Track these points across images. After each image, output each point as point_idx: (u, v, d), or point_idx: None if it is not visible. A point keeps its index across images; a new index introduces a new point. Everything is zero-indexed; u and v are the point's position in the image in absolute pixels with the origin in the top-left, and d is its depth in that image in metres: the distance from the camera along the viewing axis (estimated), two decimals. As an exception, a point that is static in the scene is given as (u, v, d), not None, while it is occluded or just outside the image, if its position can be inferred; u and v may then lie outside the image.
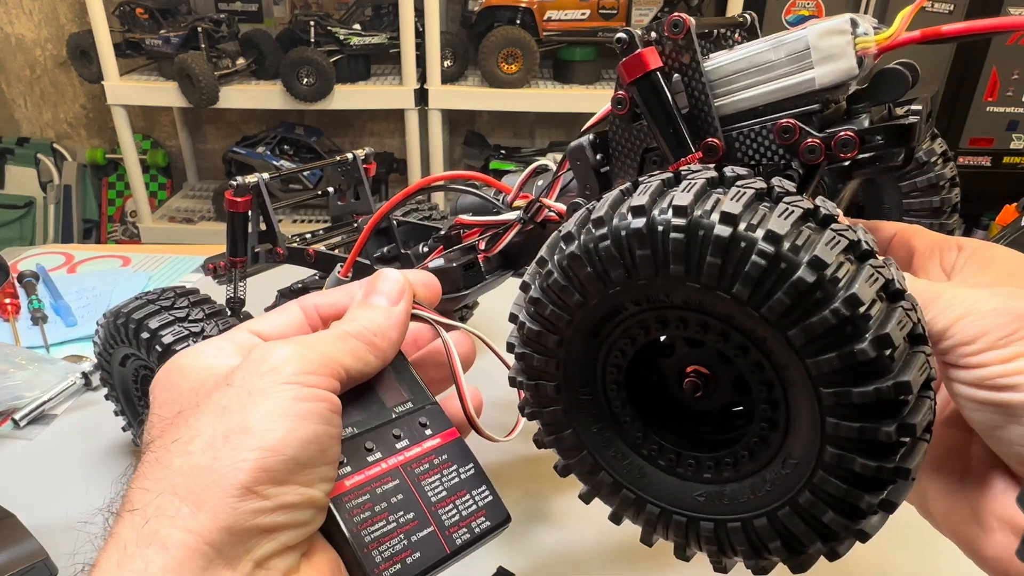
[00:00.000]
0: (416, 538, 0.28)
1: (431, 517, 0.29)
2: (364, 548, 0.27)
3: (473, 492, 0.31)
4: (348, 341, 0.29)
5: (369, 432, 0.30)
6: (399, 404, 0.32)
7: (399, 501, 0.29)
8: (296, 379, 0.26)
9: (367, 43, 1.96)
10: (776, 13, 1.96)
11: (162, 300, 0.55)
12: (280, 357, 0.27)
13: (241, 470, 0.23)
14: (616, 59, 0.34)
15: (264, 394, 0.25)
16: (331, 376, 0.27)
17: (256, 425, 0.24)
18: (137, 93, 2.00)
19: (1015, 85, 2.03)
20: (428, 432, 0.31)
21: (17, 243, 2.31)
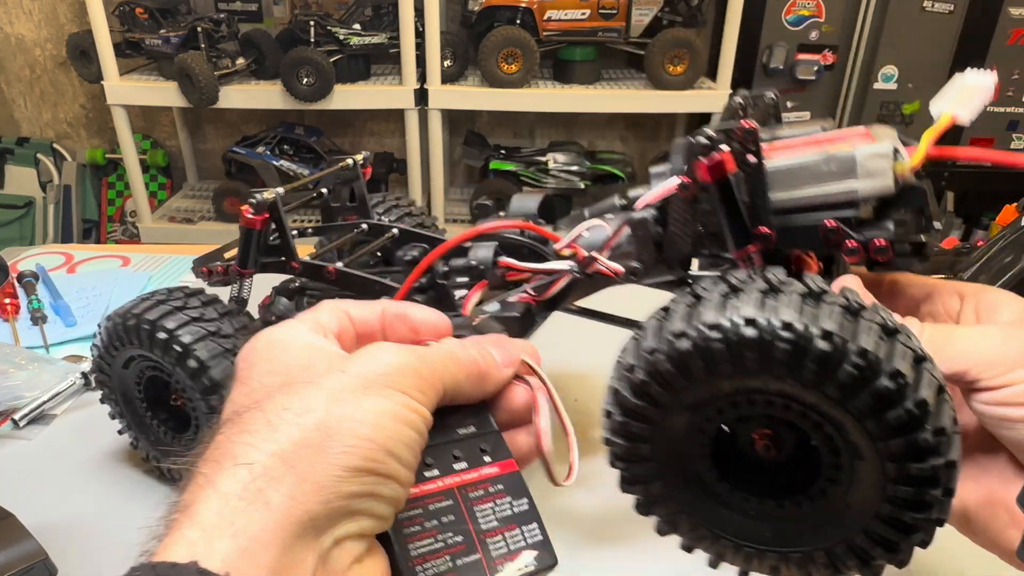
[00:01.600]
0: (461, 563, 0.28)
1: (479, 544, 0.29)
2: (409, 561, 0.27)
3: (524, 528, 0.30)
4: (459, 367, 0.30)
5: (430, 448, 0.29)
6: (463, 427, 0.32)
7: (450, 522, 0.29)
8: (409, 391, 0.28)
9: (367, 43, 1.96)
10: (776, 13, 1.96)
11: (173, 300, 0.55)
12: (397, 364, 0.28)
13: (350, 454, 0.25)
14: (615, 58, 0.35)
15: (379, 393, 0.27)
16: (435, 394, 0.29)
17: (369, 419, 0.26)
18: (137, 93, 2.00)
19: (1015, 85, 2.03)
20: (487, 459, 0.31)
21: (17, 243, 2.31)
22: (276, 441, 0.25)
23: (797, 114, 2.09)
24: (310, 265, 0.61)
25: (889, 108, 2.07)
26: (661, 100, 1.98)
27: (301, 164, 2.11)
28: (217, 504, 0.23)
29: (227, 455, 0.25)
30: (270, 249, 0.61)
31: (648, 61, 1.92)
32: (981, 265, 0.65)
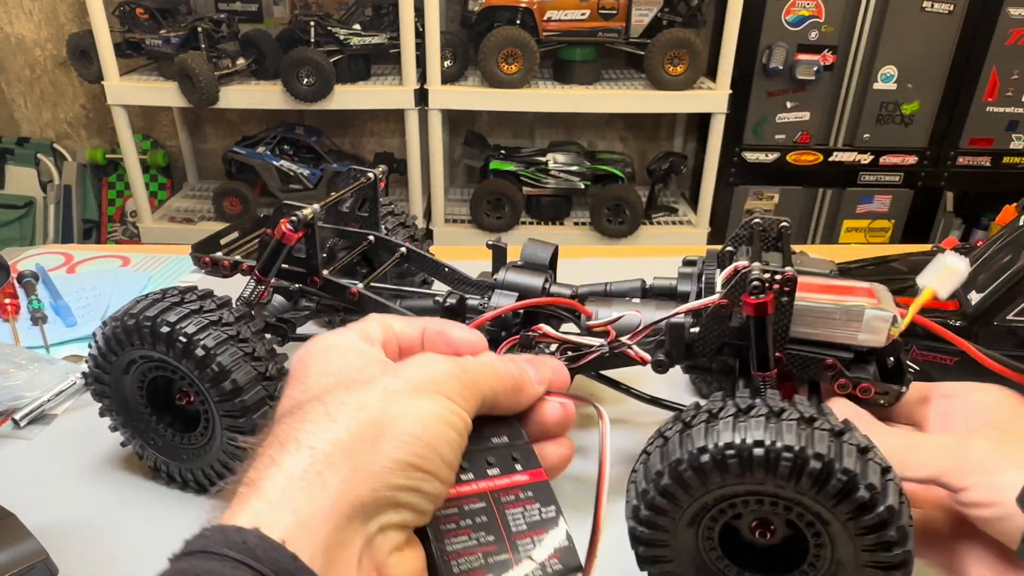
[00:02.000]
0: (493, 561, 0.30)
1: (509, 545, 0.31)
2: (445, 555, 0.29)
3: (551, 532, 0.32)
4: (497, 380, 0.33)
5: (467, 453, 0.31)
6: (497, 436, 0.34)
7: (483, 523, 0.30)
8: (454, 396, 0.30)
9: (367, 43, 1.96)
10: (776, 13, 1.96)
11: (170, 297, 0.55)
12: (444, 371, 0.31)
13: (401, 449, 0.27)
14: (614, 58, 0.37)
15: (428, 397, 0.29)
16: (476, 402, 0.31)
17: (419, 418, 0.28)
18: (137, 93, 2.00)
19: (1015, 85, 2.03)
20: (518, 467, 0.33)
21: (17, 243, 2.31)
22: (335, 431, 0.27)
23: (797, 115, 2.09)
24: (332, 283, 0.61)
25: (888, 108, 2.07)
26: (661, 100, 1.98)
27: (301, 164, 2.11)
28: (281, 482, 0.26)
29: (291, 439, 0.27)
30: (292, 259, 0.62)
31: (648, 61, 1.92)
32: (980, 265, 0.65)
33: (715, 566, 0.45)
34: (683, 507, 0.42)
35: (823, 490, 0.39)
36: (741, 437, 0.40)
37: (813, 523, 0.41)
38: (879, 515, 0.38)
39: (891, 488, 0.39)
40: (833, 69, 2.04)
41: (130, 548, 0.55)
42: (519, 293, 0.57)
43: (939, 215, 2.23)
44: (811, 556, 0.42)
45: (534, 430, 0.35)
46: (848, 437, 0.40)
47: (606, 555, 0.55)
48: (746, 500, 0.42)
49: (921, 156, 2.13)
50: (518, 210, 2.09)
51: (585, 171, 2.09)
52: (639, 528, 0.44)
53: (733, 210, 2.21)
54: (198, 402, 0.56)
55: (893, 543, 0.39)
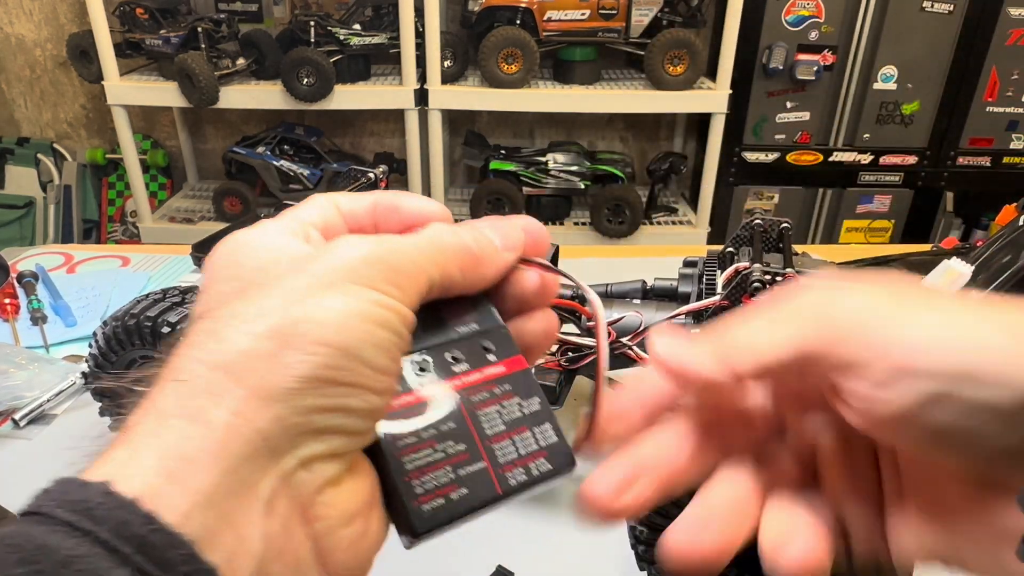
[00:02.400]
0: (465, 472, 0.25)
1: (484, 451, 0.26)
2: (405, 475, 0.24)
3: (535, 429, 0.27)
4: (444, 251, 0.26)
5: (425, 351, 0.26)
6: (462, 325, 0.28)
7: (450, 430, 0.26)
8: (379, 285, 0.23)
9: (367, 43, 1.96)
10: (776, 13, 1.96)
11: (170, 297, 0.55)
12: (364, 255, 0.24)
13: (307, 362, 0.21)
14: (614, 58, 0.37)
15: (342, 290, 0.23)
16: (415, 287, 0.25)
17: (331, 320, 0.22)
18: (137, 93, 2.00)
19: (1015, 85, 2.03)
20: (491, 358, 0.27)
21: (17, 243, 2.31)
22: (220, 352, 0.22)
23: (797, 115, 2.09)
24: None
25: (888, 108, 2.07)
26: (661, 100, 1.98)
27: (301, 164, 2.11)
28: (153, 425, 0.21)
29: (170, 371, 0.22)
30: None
31: (648, 61, 1.92)
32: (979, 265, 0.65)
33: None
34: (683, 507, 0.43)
35: None
36: None
37: None
38: None
39: None
40: (833, 69, 2.04)
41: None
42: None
43: (939, 215, 2.23)
44: None
45: (509, 306, 0.29)
46: None
47: (606, 555, 0.55)
48: None
49: (921, 156, 2.13)
50: (518, 210, 2.09)
51: (585, 171, 2.09)
52: (639, 528, 0.44)
53: (733, 210, 2.21)
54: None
55: None
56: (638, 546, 0.45)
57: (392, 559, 0.27)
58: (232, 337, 0.22)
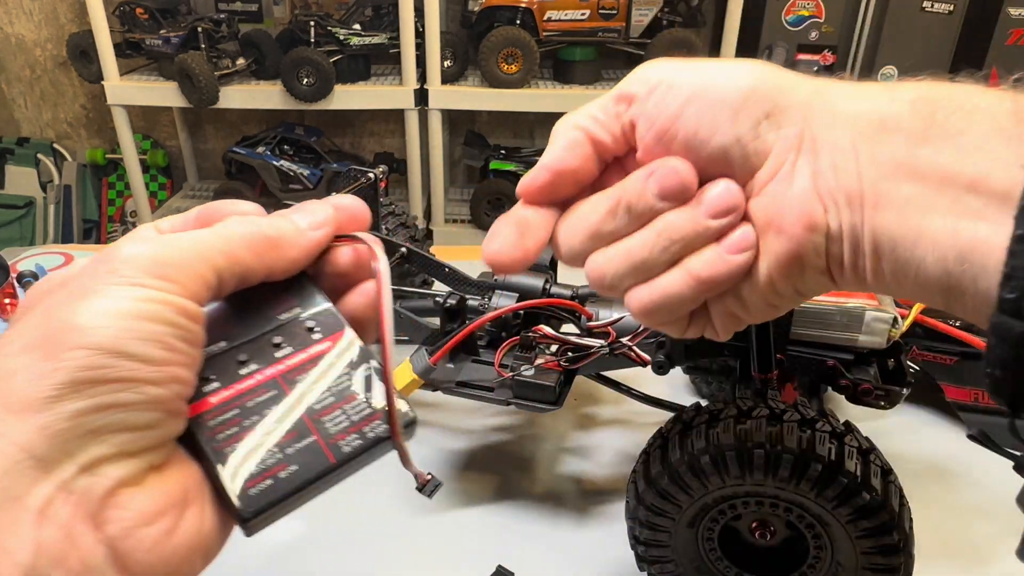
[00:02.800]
0: (292, 450, 0.25)
1: (314, 427, 0.26)
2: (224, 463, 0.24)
3: (368, 395, 0.27)
4: (230, 240, 0.26)
5: (244, 344, 0.27)
6: (285, 311, 0.28)
7: (273, 414, 0.26)
8: (140, 280, 0.23)
9: (367, 43, 1.96)
10: (776, 13, 1.96)
11: None
12: (125, 255, 0.24)
13: (64, 368, 0.21)
14: (614, 58, 0.38)
15: (101, 294, 0.23)
16: (197, 280, 0.24)
17: (83, 323, 0.22)
18: (137, 93, 2.00)
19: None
20: (317, 336, 0.27)
21: (17, 243, 2.31)
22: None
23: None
24: None
25: (889, 108, 2.07)
26: (661, 100, 1.98)
27: (301, 164, 2.11)
28: None
29: None
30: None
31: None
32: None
33: (715, 567, 0.45)
34: (683, 508, 0.43)
35: (824, 492, 0.39)
36: (741, 439, 0.40)
37: (813, 525, 0.41)
38: (880, 518, 0.38)
39: (892, 491, 0.39)
40: (833, 69, 2.03)
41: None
42: (519, 294, 0.57)
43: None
44: (811, 558, 0.42)
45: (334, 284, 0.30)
46: (850, 439, 0.40)
47: (606, 555, 0.55)
48: (746, 501, 0.42)
49: (921, 156, 2.13)
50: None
51: (585, 171, 2.09)
52: (639, 528, 0.44)
53: (733, 210, 2.20)
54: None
55: (893, 546, 0.39)
56: (638, 546, 0.45)
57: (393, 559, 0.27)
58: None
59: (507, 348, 0.54)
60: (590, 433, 0.67)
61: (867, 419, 0.61)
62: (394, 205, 0.78)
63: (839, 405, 0.65)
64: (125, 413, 0.22)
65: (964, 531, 0.57)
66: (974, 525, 0.57)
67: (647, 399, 0.60)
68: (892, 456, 0.43)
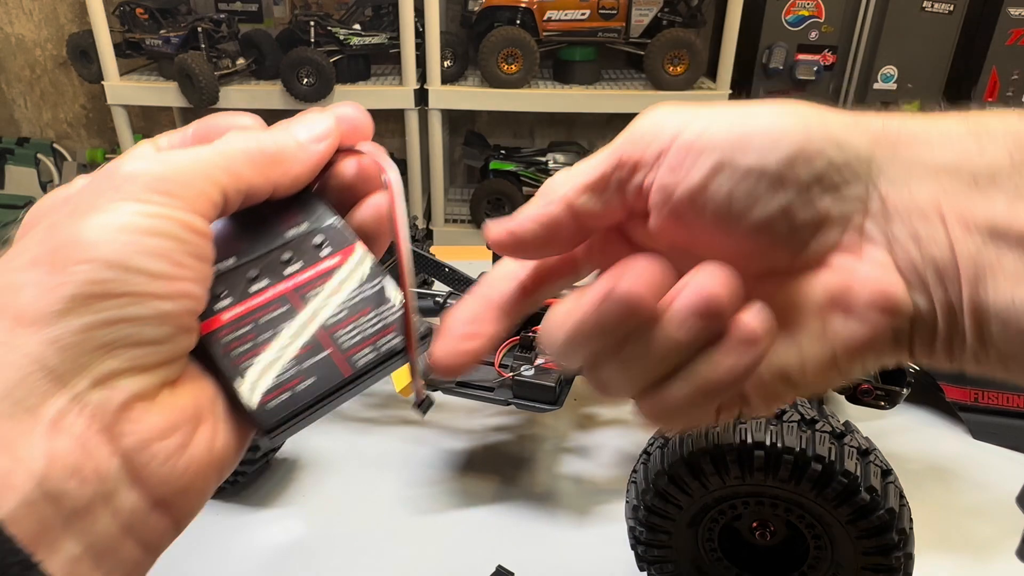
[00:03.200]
0: (308, 364, 0.25)
1: (328, 340, 0.26)
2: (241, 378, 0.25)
3: (379, 309, 0.27)
4: (232, 157, 0.25)
5: (254, 260, 0.27)
6: (292, 227, 0.28)
7: (287, 329, 0.26)
8: (144, 196, 0.23)
9: (367, 43, 1.96)
10: (776, 13, 1.96)
11: None
12: (127, 172, 0.23)
13: (70, 282, 0.21)
14: (614, 58, 0.37)
15: (104, 209, 0.22)
16: (197, 196, 0.24)
17: (88, 238, 0.22)
18: (137, 93, 2.00)
19: (1015, 85, 2.02)
20: (326, 252, 0.27)
21: (17, 243, 2.31)
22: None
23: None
24: None
25: (888, 108, 2.07)
26: (661, 100, 1.95)
27: (301, 164, 2.11)
28: None
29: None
30: None
31: (648, 61, 1.92)
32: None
33: (715, 567, 0.45)
34: (683, 508, 0.43)
35: (823, 492, 0.39)
36: (742, 439, 0.40)
37: (813, 525, 0.41)
38: (880, 518, 0.38)
39: (891, 491, 0.39)
40: (833, 69, 2.03)
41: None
42: None
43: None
44: (811, 558, 0.43)
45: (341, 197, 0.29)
46: (849, 439, 0.40)
47: (606, 555, 0.55)
48: (746, 501, 0.42)
49: (921, 156, 2.13)
50: (518, 210, 2.09)
51: (585, 171, 2.09)
52: (639, 528, 0.44)
53: (733, 210, 2.20)
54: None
55: (893, 546, 0.39)
56: (638, 546, 0.46)
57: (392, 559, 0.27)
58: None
59: (507, 348, 0.54)
60: (590, 433, 0.67)
61: (867, 419, 0.61)
62: None
63: (839, 405, 0.65)
64: (135, 327, 0.22)
65: (964, 531, 0.57)
66: (974, 525, 0.57)
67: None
68: (892, 456, 0.43)
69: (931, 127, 0.24)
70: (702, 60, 1.92)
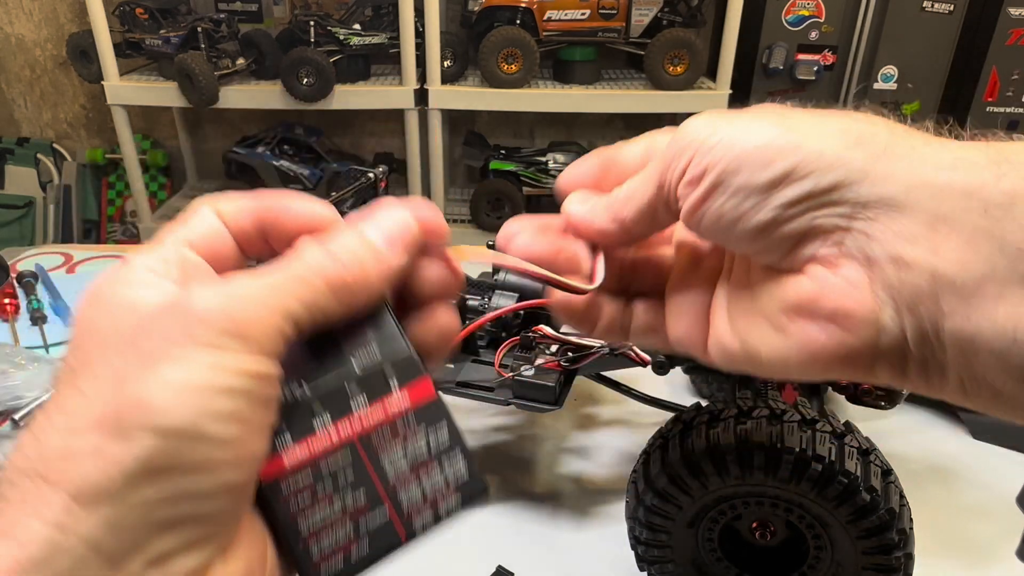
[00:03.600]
0: (366, 526, 0.24)
1: (387, 498, 0.24)
2: (301, 542, 0.23)
3: (444, 463, 0.25)
4: (310, 284, 0.23)
5: (318, 391, 0.24)
6: (362, 351, 0.25)
7: (349, 481, 0.24)
8: (216, 342, 0.20)
9: (367, 43, 1.96)
10: (776, 13, 1.96)
11: None
12: (201, 311, 0.21)
13: (134, 454, 0.19)
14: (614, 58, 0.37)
15: (173, 360, 0.20)
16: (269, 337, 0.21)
17: (156, 401, 0.20)
18: (137, 93, 2.00)
19: (1015, 85, 2.02)
20: (393, 385, 0.25)
21: (17, 243, 2.31)
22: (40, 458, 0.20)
23: (797, 114, 2.08)
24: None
25: (888, 108, 2.06)
26: (661, 100, 1.98)
27: (301, 164, 2.11)
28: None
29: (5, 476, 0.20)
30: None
31: (648, 61, 1.92)
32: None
33: (715, 567, 0.45)
34: (683, 508, 0.43)
35: (824, 493, 0.39)
36: (742, 439, 0.40)
37: (813, 525, 0.41)
38: (880, 518, 0.38)
39: (892, 491, 0.39)
40: (833, 69, 2.03)
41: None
42: (519, 294, 0.57)
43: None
44: (811, 558, 0.42)
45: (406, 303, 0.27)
46: (850, 439, 0.40)
47: (606, 555, 0.55)
48: (746, 501, 0.42)
49: (921, 156, 2.13)
50: (518, 210, 2.09)
51: (585, 171, 2.09)
52: (639, 528, 0.44)
53: (733, 210, 2.20)
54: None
55: (893, 546, 0.39)
56: (638, 546, 0.45)
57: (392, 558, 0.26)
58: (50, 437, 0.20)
59: (507, 348, 0.54)
60: (590, 433, 0.67)
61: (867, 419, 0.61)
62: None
63: (839, 405, 0.65)
64: (197, 503, 0.20)
65: (964, 531, 0.57)
66: (974, 525, 0.57)
67: (647, 399, 0.60)
68: (892, 456, 0.43)
69: (944, 150, 0.24)
70: (702, 60, 1.92)
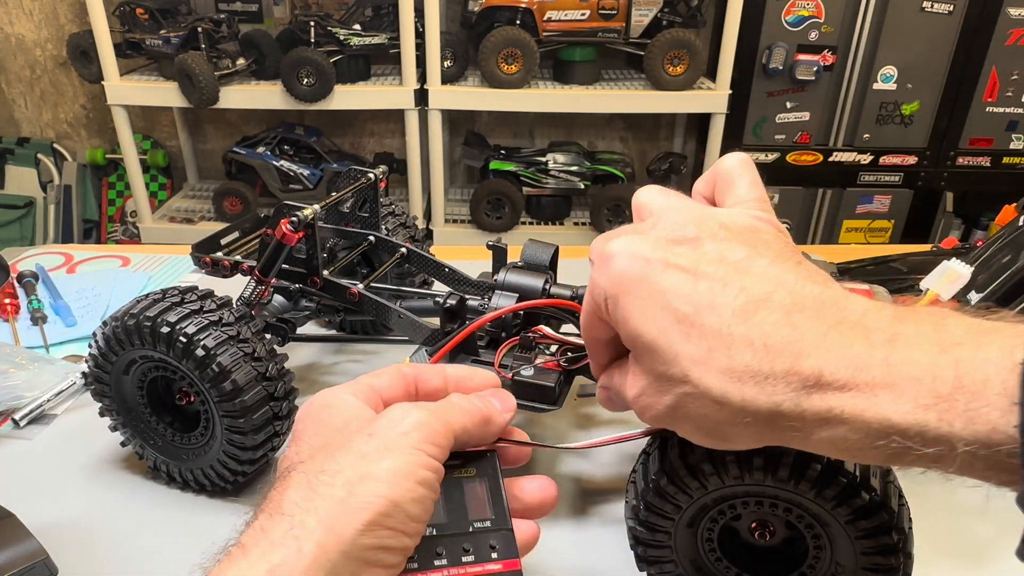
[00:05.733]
0: None
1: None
2: None
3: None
4: (466, 416, 0.36)
5: (445, 538, 0.33)
6: (480, 519, 0.35)
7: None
8: (423, 446, 0.32)
9: (367, 43, 1.96)
10: (776, 13, 1.96)
11: (170, 297, 0.55)
12: (413, 422, 0.33)
13: (367, 510, 0.30)
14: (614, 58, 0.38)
15: (396, 451, 0.32)
16: (446, 444, 0.34)
17: (385, 478, 0.31)
18: (137, 93, 2.00)
19: (1014, 85, 2.03)
20: (494, 555, 0.34)
21: (17, 243, 2.31)
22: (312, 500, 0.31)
23: (797, 115, 2.08)
24: (332, 283, 0.62)
25: (888, 108, 2.07)
26: (661, 100, 1.98)
27: (301, 164, 2.11)
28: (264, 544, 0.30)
29: (277, 507, 0.31)
30: (292, 259, 0.62)
31: (648, 61, 1.92)
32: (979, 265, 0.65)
33: (714, 567, 0.45)
34: (682, 508, 0.43)
35: (823, 492, 0.39)
36: None
37: (813, 525, 0.41)
38: (879, 518, 0.38)
39: (891, 491, 0.39)
40: (833, 69, 2.04)
41: (130, 548, 0.55)
42: (519, 294, 0.57)
43: (939, 215, 2.23)
44: (810, 558, 0.43)
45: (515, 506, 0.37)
46: None
47: (606, 555, 0.55)
48: (745, 501, 0.42)
49: (921, 156, 2.13)
50: (518, 210, 2.09)
51: (585, 171, 2.09)
52: (638, 528, 0.44)
53: (733, 210, 2.20)
54: (198, 402, 0.56)
55: (893, 546, 0.39)
56: (638, 546, 0.46)
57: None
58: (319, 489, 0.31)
59: (507, 348, 0.54)
60: (590, 433, 0.67)
61: (867, 419, 0.61)
62: (394, 205, 0.78)
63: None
64: (388, 554, 0.31)
65: (964, 531, 0.57)
66: (974, 525, 0.57)
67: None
68: (892, 456, 0.43)
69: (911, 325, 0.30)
70: (702, 60, 1.92)
